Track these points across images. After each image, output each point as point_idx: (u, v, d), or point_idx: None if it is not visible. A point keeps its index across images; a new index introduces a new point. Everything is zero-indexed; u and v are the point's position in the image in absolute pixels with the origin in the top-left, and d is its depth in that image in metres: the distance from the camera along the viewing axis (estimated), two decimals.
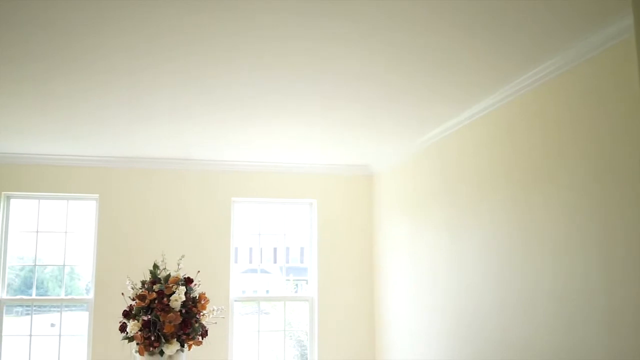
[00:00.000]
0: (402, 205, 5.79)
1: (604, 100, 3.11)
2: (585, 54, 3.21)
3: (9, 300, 5.91)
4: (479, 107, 4.29)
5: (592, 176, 3.17)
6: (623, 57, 2.96)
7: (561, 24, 2.98)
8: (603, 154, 3.09)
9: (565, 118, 3.43)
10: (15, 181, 5.94)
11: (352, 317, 6.38)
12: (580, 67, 3.29)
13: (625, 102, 2.95)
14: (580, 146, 3.28)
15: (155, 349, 4.26)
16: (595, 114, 3.17)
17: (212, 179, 6.28)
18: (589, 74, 3.23)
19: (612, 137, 3.04)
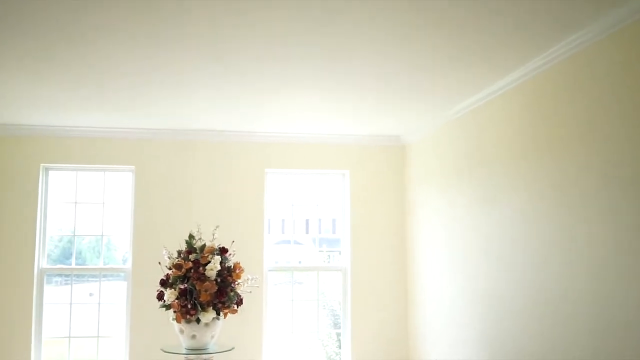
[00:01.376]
0: (435, 176, 5.75)
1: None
2: (621, 21, 3.13)
3: (49, 270, 6.08)
4: (513, 77, 4.21)
5: (628, 146, 3.10)
6: None
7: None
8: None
9: (600, 87, 3.35)
10: (53, 153, 6.06)
11: (384, 287, 6.40)
12: (618, 35, 3.20)
13: None
14: (616, 116, 3.20)
15: (192, 316, 4.35)
16: (632, 83, 3.09)
17: (246, 151, 6.32)
18: (626, 41, 3.14)
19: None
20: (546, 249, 3.86)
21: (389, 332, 6.36)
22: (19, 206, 5.94)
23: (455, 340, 5.21)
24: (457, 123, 5.26)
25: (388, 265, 6.43)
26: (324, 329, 6.87)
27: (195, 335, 4.42)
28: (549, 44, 3.65)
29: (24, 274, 5.89)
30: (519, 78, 4.18)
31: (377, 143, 6.49)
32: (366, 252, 6.41)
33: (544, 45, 3.67)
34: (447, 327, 5.38)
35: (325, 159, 6.45)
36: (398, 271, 6.44)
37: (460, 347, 5.10)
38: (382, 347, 6.32)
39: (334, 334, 6.88)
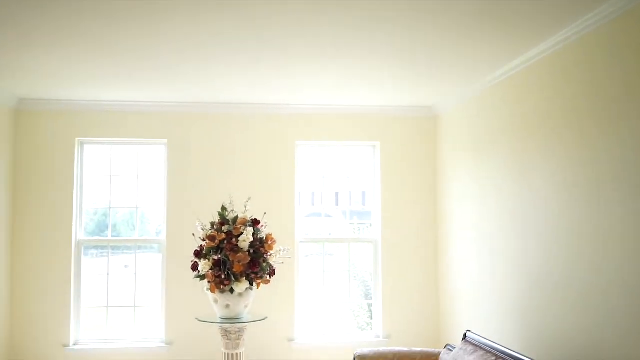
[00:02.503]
0: (467, 146, 5.70)
1: None
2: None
3: (86, 242, 6.23)
4: (547, 45, 4.13)
5: None
6: None
7: None
8: None
9: (637, 56, 3.27)
10: (88, 127, 6.16)
11: (415, 258, 6.41)
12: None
13: None
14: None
15: (226, 287, 4.44)
16: None
17: (277, 123, 6.34)
18: None
19: None
20: (580, 221, 3.81)
21: (419, 303, 6.39)
22: (56, 180, 6.07)
23: (486, 312, 5.21)
24: (490, 93, 5.19)
25: (419, 237, 6.43)
26: (355, 300, 6.93)
27: (229, 305, 4.51)
28: (585, 11, 3.56)
29: (62, 245, 6.05)
30: (553, 46, 4.10)
31: (409, 114, 6.45)
32: (397, 224, 6.41)
33: (579, 12, 3.59)
34: (479, 300, 5.38)
35: (355, 130, 6.43)
36: (429, 243, 6.44)
37: (491, 319, 5.10)
38: (413, 317, 6.36)
39: (365, 305, 6.93)
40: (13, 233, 5.98)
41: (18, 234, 5.99)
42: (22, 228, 6.01)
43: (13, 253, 5.98)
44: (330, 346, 6.26)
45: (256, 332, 5.76)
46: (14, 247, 5.98)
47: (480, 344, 4.45)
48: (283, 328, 6.20)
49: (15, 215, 6.00)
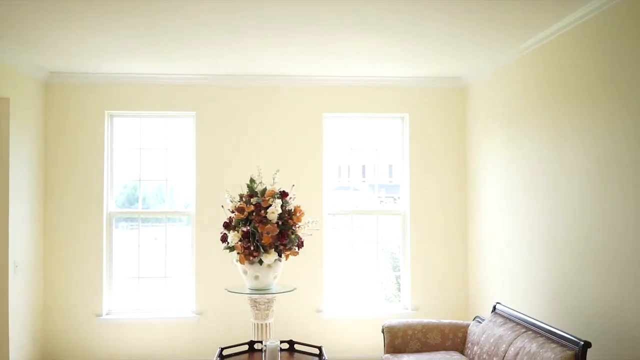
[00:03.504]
0: (497, 118, 5.61)
1: None
2: None
3: (117, 213, 6.32)
4: (580, 13, 4.01)
5: None
6: None
7: None
8: None
9: None
10: (117, 100, 6.20)
11: (444, 231, 6.38)
12: None
13: None
14: None
15: (255, 258, 4.47)
16: None
17: (305, 95, 6.30)
18: None
19: None
20: (615, 194, 3.74)
21: (448, 275, 6.37)
22: (87, 152, 6.15)
23: (516, 284, 5.17)
24: (521, 62, 5.08)
25: (448, 209, 6.39)
26: (383, 272, 6.94)
27: (258, 276, 4.54)
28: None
29: (94, 218, 6.15)
30: (586, 14, 3.98)
31: (438, 85, 6.36)
32: (425, 196, 6.37)
33: None
34: (509, 272, 5.35)
35: (384, 102, 6.37)
36: (458, 215, 6.39)
37: (522, 291, 5.06)
38: (441, 289, 6.35)
39: (392, 277, 6.94)
40: (45, 206, 6.09)
41: (50, 207, 6.10)
42: (54, 201, 6.11)
43: (46, 226, 6.10)
44: (358, 318, 6.30)
45: (285, 303, 5.82)
46: (46, 220, 6.10)
47: (510, 316, 4.43)
48: (311, 299, 6.25)
49: (47, 188, 6.10)
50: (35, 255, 5.90)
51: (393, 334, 4.85)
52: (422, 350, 4.78)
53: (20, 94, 5.56)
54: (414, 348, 4.80)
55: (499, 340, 4.19)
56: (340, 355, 6.11)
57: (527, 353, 3.78)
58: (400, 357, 4.60)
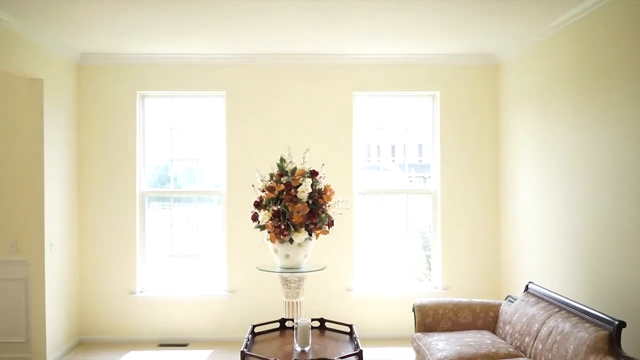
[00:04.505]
0: (531, 95, 5.50)
1: None
2: None
3: (149, 193, 6.39)
4: None
5: None
6: None
7: None
8: None
9: None
10: (148, 80, 6.24)
11: (475, 209, 6.32)
12: None
13: None
14: None
15: (285, 237, 4.47)
16: None
17: (335, 74, 6.26)
18: None
19: None
20: None
21: (479, 255, 6.32)
22: (120, 133, 6.22)
23: (550, 263, 5.11)
24: (556, 38, 4.96)
25: (479, 188, 6.32)
26: (413, 251, 6.92)
27: (288, 254, 4.56)
28: None
29: (127, 197, 6.23)
30: None
31: (469, 62, 6.26)
32: (457, 175, 6.31)
33: None
34: (542, 251, 5.28)
35: (414, 80, 6.30)
36: (490, 194, 6.32)
37: (555, 271, 5.00)
38: (472, 269, 6.31)
39: (423, 256, 6.92)
40: (79, 186, 6.19)
41: (84, 187, 6.20)
42: (87, 181, 6.21)
43: (80, 205, 6.20)
44: (388, 297, 6.30)
45: (315, 281, 5.84)
46: (80, 200, 6.20)
47: (543, 295, 4.39)
48: (341, 278, 6.27)
49: (81, 168, 6.20)
50: (70, 235, 6.01)
51: (424, 312, 4.84)
52: (453, 329, 4.77)
53: (54, 76, 5.63)
54: (445, 327, 4.79)
55: (532, 320, 4.15)
56: (371, 334, 6.13)
57: (560, 332, 3.74)
58: (431, 336, 4.59)
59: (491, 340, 4.33)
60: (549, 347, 3.78)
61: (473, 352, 4.09)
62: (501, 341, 4.33)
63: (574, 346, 3.54)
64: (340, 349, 4.12)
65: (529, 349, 4.05)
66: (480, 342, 4.27)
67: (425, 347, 4.43)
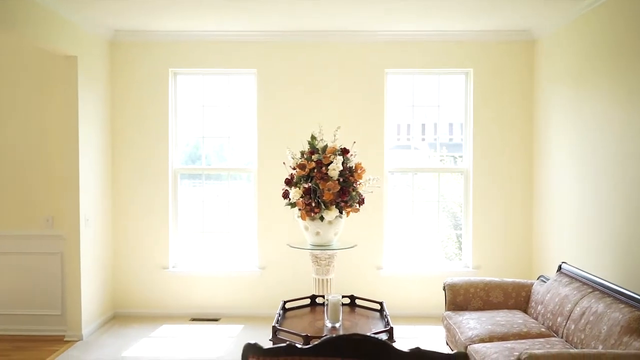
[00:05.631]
0: (567, 73, 5.38)
1: None
2: None
3: (181, 170, 6.46)
4: None
5: None
6: None
7: None
8: None
9: None
10: (180, 58, 6.27)
11: (508, 188, 6.25)
12: None
13: None
14: None
15: (316, 214, 4.49)
16: None
17: (366, 51, 6.21)
18: None
19: None
20: None
21: (511, 234, 6.26)
22: (152, 110, 6.27)
23: (584, 244, 5.04)
24: (594, 14, 4.83)
25: (513, 167, 6.24)
26: (444, 230, 6.88)
27: (319, 232, 4.57)
28: None
29: (160, 174, 6.30)
30: None
31: (504, 38, 6.14)
32: (489, 153, 6.23)
33: None
34: (576, 231, 5.20)
35: (447, 57, 6.21)
36: (523, 173, 6.24)
37: (589, 251, 4.93)
38: (504, 248, 6.26)
39: (453, 235, 6.88)
40: (113, 163, 6.28)
41: (117, 164, 6.29)
42: (121, 157, 6.29)
43: (114, 182, 6.29)
44: (418, 275, 6.29)
45: (346, 259, 5.86)
46: (114, 177, 6.29)
47: (576, 275, 4.34)
48: (372, 256, 6.28)
49: (114, 145, 6.28)
50: (104, 210, 6.12)
51: (455, 291, 4.83)
52: (484, 309, 4.75)
53: (87, 53, 5.69)
54: (476, 306, 4.77)
55: (565, 300, 4.11)
56: (400, 312, 6.14)
57: (593, 313, 3.70)
58: (462, 315, 4.58)
59: (523, 319, 4.31)
60: (582, 328, 3.74)
61: (504, 332, 4.08)
62: (533, 321, 4.30)
63: (608, 327, 3.49)
64: (371, 325, 4.14)
65: (561, 329, 4.01)
66: (512, 322, 4.25)
67: (456, 325, 4.43)
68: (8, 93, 5.71)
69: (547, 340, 3.92)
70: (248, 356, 1.98)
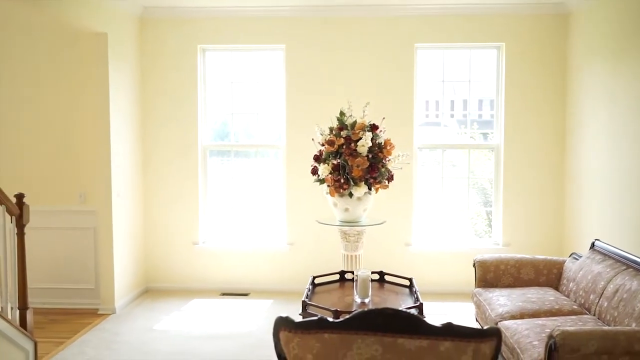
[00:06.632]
0: (602, 48, 5.24)
1: None
2: None
3: (211, 146, 6.49)
4: None
5: None
6: None
7: None
8: None
9: None
10: (208, 34, 6.27)
11: (540, 165, 6.15)
12: None
13: None
14: None
15: (345, 191, 4.48)
16: None
17: (396, 25, 6.13)
18: None
19: None
20: None
21: (542, 211, 6.18)
22: (182, 86, 6.30)
23: (617, 220, 4.95)
24: None
25: (545, 143, 6.14)
26: (474, 207, 6.82)
27: (348, 208, 4.56)
28: None
29: (189, 150, 6.35)
30: None
31: (537, 12, 6.00)
32: (521, 130, 6.13)
33: None
34: (609, 208, 5.11)
35: (479, 30, 6.09)
36: (556, 149, 6.13)
37: (623, 228, 4.85)
38: (535, 226, 6.19)
39: (483, 213, 6.82)
40: (143, 139, 6.34)
41: (148, 139, 6.34)
42: (151, 134, 6.34)
43: (144, 157, 6.36)
44: (447, 252, 6.27)
45: (374, 235, 5.84)
46: (145, 152, 6.35)
47: (609, 252, 4.27)
48: (400, 233, 6.26)
49: (144, 122, 6.33)
50: (135, 186, 6.19)
51: (485, 268, 4.79)
52: (514, 286, 4.71)
53: (117, 29, 5.72)
54: (506, 283, 4.73)
55: (597, 277, 4.05)
56: (429, 288, 6.11)
57: (627, 290, 3.64)
58: (492, 291, 4.55)
59: (554, 297, 4.27)
60: (615, 305, 3.69)
61: (535, 308, 4.04)
62: (564, 298, 4.26)
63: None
64: (400, 301, 4.14)
65: (593, 306, 3.96)
66: (543, 299, 4.21)
67: (486, 302, 4.40)
68: (41, 71, 5.77)
69: (579, 317, 3.87)
70: (280, 329, 2.00)
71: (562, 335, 2.97)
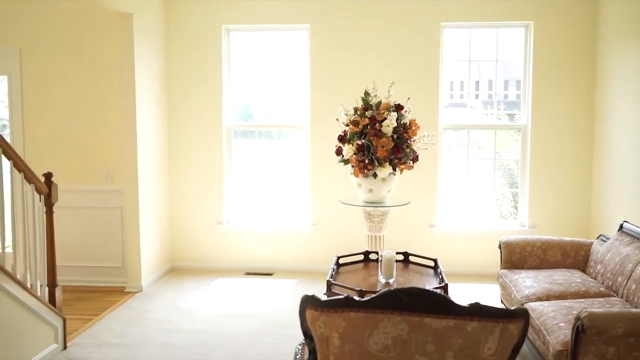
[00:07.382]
0: (635, 26, 5.12)
1: None
2: None
3: (235, 127, 6.50)
4: None
5: None
6: None
7: None
8: None
9: None
10: (233, 14, 6.25)
11: (567, 146, 6.06)
12: None
13: None
14: None
15: (369, 171, 4.46)
16: None
17: (422, 3, 6.05)
18: None
19: None
20: None
21: (569, 193, 6.11)
22: (206, 66, 6.31)
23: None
24: None
25: (572, 125, 6.04)
26: (499, 189, 6.76)
27: (372, 189, 4.55)
28: None
29: (214, 130, 6.37)
30: None
31: None
32: (549, 110, 6.04)
33: None
34: (638, 192, 5.03)
35: (507, 8, 5.99)
36: (584, 131, 6.03)
37: None
38: (561, 207, 6.12)
39: (509, 194, 6.75)
40: (168, 118, 6.37)
41: (173, 120, 6.38)
42: (176, 114, 6.38)
43: (170, 139, 6.40)
44: (472, 233, 6.23)
45: (399, 216, 5.82)
46: (170, 133, 6.39)
47: (638, 234, 4.20)
48: (425, 214, 6.23)
49: (170, 101, 6.36)
50: (161, 166, 6.24)
51: (511, 249, 4.75)
52: (540, 267, 4.66)
53: (142, 10, 5.73)
54: (532, 264, 4.69)
55: (626, 260, 4.00)
56: (454, 269, 6.07)
57: None
58: (517, 273, 4.51)
59: (581, 279, 4.22)
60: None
61: (562, 290, 4.00)
62: (591, 280, 4.21)
63: None
64: (425, 281, 4.13)
65: (621, 289, 3.91)
66: (570, 281, 4.17)
67: (512, 283, 4.37)
68: (68, 53, 5.82)
69: (606, 299, 3.83)
70: (306, 307, 2.00)
71: (590, 317, 2.94)
